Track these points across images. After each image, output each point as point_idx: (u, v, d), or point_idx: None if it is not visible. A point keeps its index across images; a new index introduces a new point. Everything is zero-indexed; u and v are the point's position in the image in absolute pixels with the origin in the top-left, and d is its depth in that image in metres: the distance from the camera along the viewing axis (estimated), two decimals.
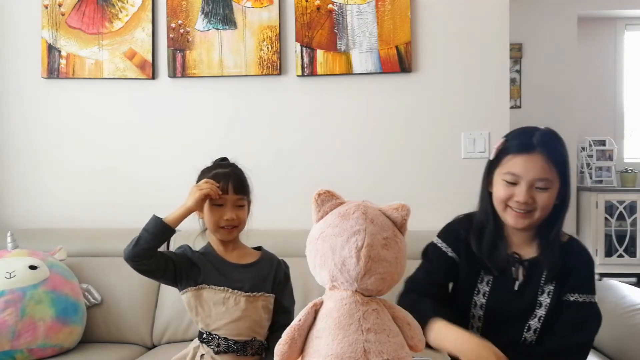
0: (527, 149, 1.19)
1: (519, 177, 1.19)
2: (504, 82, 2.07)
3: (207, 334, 1.32)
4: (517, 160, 1.20)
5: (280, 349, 1.00)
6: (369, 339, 0.96)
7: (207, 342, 1.32)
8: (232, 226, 1.34)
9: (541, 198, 1.19)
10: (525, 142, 1.20)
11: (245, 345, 1.32)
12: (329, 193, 1.05)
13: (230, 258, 1.38)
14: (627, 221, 3.75)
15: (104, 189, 2.19)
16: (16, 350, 1.63)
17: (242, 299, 1.32)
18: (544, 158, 1.18)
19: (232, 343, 1.31)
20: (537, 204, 1.19)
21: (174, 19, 2.12)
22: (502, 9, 2.06)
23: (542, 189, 1.19)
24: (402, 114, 2.10)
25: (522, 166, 1.19)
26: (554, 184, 1.20)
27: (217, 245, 1.40)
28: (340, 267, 0.98)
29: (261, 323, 1.35)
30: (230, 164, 1.40)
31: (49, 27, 2.16)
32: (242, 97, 2.14)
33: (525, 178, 1.19)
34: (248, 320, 1.33)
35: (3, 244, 1.87)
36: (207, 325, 1.32)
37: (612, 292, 1.70)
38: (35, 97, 2.22)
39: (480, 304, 1.29)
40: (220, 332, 1.31)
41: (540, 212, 1.20)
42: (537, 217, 1.21)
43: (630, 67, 4.12)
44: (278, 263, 1.44)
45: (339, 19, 2.07)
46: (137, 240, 1.27)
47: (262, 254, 1.44)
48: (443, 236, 1.35)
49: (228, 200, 1.34)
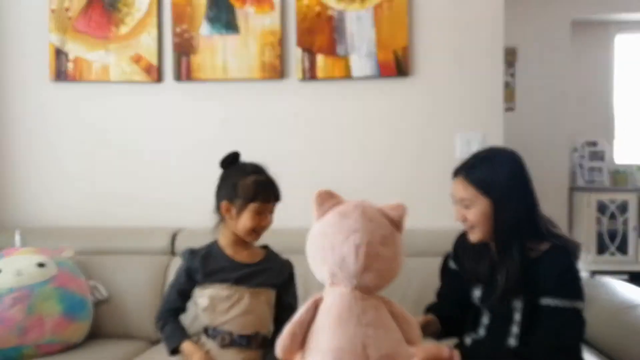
0: (453, 175, 1.36)
1: (453, 199, 1.36)
2: (499, 85, 2.10)
3: (212, 329, 1.35)
4: (452, 186, 1.36)
5: (282, 344, 1.03)
6: (368, 333, 0.99)
7: (212, 337, 1.35)
8: (263, 231, 1.39)
9: (468, 214, 1.31)
10: (454, 170, 1.36)
11: (250, 340, 1.35)
12: (329, 193, 1.09)
13: (238, 257, 1.41)
14: (619, 220, 3.79)
15: (110, 189, 2.21)
16: (24, 346, 1.64)
17: (246, 294, 1.35)
18: (462, 181, 1.32)
19: (237, 337, 1.34)
20: (470, 220, 1.31)
21: (179, 24, 2.15)
22: (496, 14, 2.09)
23: (466, 207, 1.31)
24: (399, 117, 2.13)
25: (452, 190, 1.36)
26: (475, 201, 1.30)
27: (228, 244, 1.41)
28: (339, 263, 1.01)
29: (265, 317, 1.38)
30: (263, 169, 1.42)
31: (56, 31, 2.18)
32: (245, 100, 2.17)
33: (454, 200, 1.35)
34: (252, 315, 1.36)
35: (12, 242, 1.90)
36: (213, 321, 1.35)
37: (605, 289, 1.71)
38: (43, 100, 2.24)
39: (476, 305, 1.39)
40: (225, 327, 1.34)
41: (480, 227, 1.30)
42: (481, 231, 1.31)
43: (622, 70, 4.17)
44: (283, 263, 1.46)
45: (339, 25, 2.10)
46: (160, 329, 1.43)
47: (268, 253, 1.46)
48: (452, 250, 1.49)
49: (268, 208, 1.39)
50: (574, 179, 4.02)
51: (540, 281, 1.25)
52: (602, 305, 1.60)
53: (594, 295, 1.64)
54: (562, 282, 1.25)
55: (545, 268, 1.26)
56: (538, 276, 1.26)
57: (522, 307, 1.28)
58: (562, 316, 1.23)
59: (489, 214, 1.28)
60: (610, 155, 4.05)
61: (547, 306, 1.24)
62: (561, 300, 1.24)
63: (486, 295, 1.35)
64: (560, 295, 1.24)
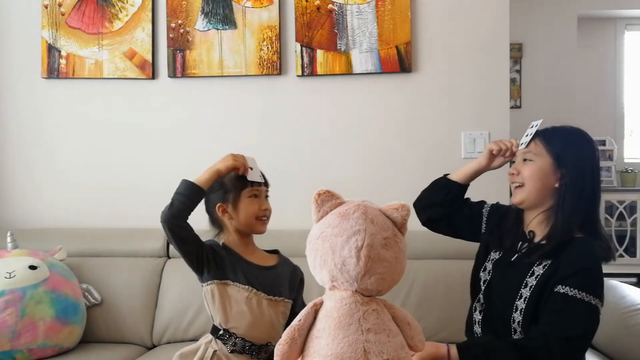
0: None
1: (517, 156, 1.37)
2: (504, 82, 2.07)
3: (224, 330, 1.32)
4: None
5: (281, 349, 1.01)
6: (369, 339, 0.98)
7: (223, 339, 1.32)
8: (267, 217, 1.37)
9: (525, 169, 1.31)
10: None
11: (260, 349, 1.33)
12: (329, 193, 1.07)
13: (251, 259, 1.38)
14: (627, 221, 3.74)
15: (104, 189, 2.19)
16: (16, 350, 1.63)
17: (264, 300, 1.33)
18: (535, 138, 1.33)
19: (248, 345, 1.31)
20: (522, 175, 1.31)
21: (174, 19, 2.12)
22: (502, 9, 2.06)
23: (527, 161, 1.32)
24: (402, 114, 2.10)
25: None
26: (539, 157, 1.30)
27: (237, 246, 1.39)
28: (340, 267, 1.00)
29: (278, 328, 1.35)
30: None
31: (48, 27, 2.16)
32: (242, 97, 2.14)
33: (518, 155, 1.36)
34: (267, 324, 1.33)
35: (3, 244, 1.88)
36: (226, 321, 1.32)
37: (612, 292, 1.70)
38: (35, 97, 2.22)
39: (484, 279, 1.37)
40: (238, 332, 1.31)
41: (529, 185, 1.30)
42: (527, 190, 1.30)
43: (630, 67, 4.12)
44: (294, 269, 1.44)
45: (339, 19, 2.07)
46: (172, 202, 1.29)
47: (280, 259, 1.44)
48: (492, 205, 1.49)
49: (262, 192, 1.38)
50: None
51: (561, 266, 1.24)
52: (609, 308, 1.58)
53: None
54: (582, 274, 1.23)
55: (571, 255, 1.24)
56: (562, 256, 1.25)
57: (534, 284, 1.26)
58: (576, 307, 1.21)
59: (548, 173, 1.29)
60: (619, 154, 4.00)
61: (564, 294, 1.22)
62: (578, 292, 1.21)
63: (499, 259, 1.36)
64: (578, 286, 1.21)
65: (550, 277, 1.24)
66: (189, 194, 1.28)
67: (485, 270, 1.38)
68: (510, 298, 1.28)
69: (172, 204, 1.28)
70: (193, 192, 1.29)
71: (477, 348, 1.24)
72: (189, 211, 1.30)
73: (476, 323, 1.37)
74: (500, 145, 1.38)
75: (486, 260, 1.39)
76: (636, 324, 1.49)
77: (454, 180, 1.46)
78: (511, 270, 1.31)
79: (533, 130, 1.34)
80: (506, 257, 1.35)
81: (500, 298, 1.31)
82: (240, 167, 1.33)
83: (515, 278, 1.29)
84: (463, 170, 1.46)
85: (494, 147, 1.39)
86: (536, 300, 1.25)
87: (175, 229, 1.29)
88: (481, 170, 1.44)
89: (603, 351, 1.59)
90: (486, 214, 1.46)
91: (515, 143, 1.37)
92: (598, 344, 1.61)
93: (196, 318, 1.84)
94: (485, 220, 1.45)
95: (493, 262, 1.37)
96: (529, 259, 1.29)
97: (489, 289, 1.35)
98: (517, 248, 1.34)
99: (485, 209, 1.47)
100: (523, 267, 1.29)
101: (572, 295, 1.21)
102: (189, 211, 1.30)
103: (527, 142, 1.33)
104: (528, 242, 1.33)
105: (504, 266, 1.34)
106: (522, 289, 1.27)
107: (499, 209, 1.46)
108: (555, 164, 1.28)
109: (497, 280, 1.34)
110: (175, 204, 1.28)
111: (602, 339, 1.58)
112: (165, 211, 1.29)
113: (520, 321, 1.26)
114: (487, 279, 1.36)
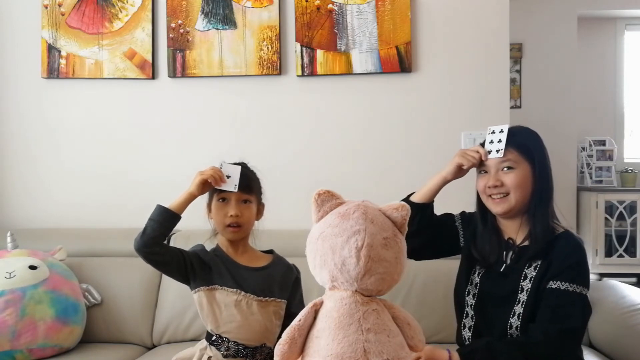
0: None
1: (488, 165, 1.32)
2: (504, 82, 2.07)
3: (217, 336, 1.31)
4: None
5: (280, 349, 1.01)
6: (369, 339, 0.98)
7: (216, 344, 1.31)
8: (236, 224, 1.33)
9: (509, 178, 1.29)
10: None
11: (255, 351, 1.32)
12: (329, 193, 1.07)
13: (241, 261, 1.37)
14: (627, 221, 3.74)
15: (104, 189, 2.19)
16: (16, 350, 1.62)
17: (254, 302, 1.32)
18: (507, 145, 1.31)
19: (241, 348, 1.30)
20: (507, 185, 1.29)
21: (174, 19, 2.12)
22: (502, 9, 2.06)
23: (508, 169, 1.30)
24: (402, 114, 2.10)
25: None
26: (518, 164, 1.29)
27: (226, 247, 1.39)
28: (340, 267, 1.00)
29: (272, 329, 1.34)
30: (240, 162, 1.39)
31: (49, 27, 2.16)
32: (242, 97, 2.14)
33: (491, 164, 1.32)
34: (259, 325, 1.32)
35: (3, 244, 1.87)
36: (218, 327, 1.31)
37: (612, 292, 1.71)
38: (35, 97, 2.21)
39: (473, 293, 1.37)
40: (230, 335, 1.30)
41: (515, 194, 1.28)
42: (514, 199, 1.29)
43: (630, 67, 4.12)
44: (289, 267, 1.43)
45: (339, 19, 2.07)
46: (144, 229, 1.27)
47: (274, 258, 1.43)
48: (461, 215, 1.46)
49: (232, 196, 1.34)
50: (581, 178, 3.97)
51: (554, 263, 1.25)
52: (609, 308, 1.62)
53: (601, 298, 1.66)
54: (574, 268, 1.25)
55: (562, 252, 1.26)
56: (552, 254, 1.26)
57: (530, 287, 1.27)
58: (571, 300, 1.23)
59: (528, 178, 1.29)
60: (619, 154, 4.00)
61: (557, 289, 1.23)
62: (570, 285, 1.23)
63: (488, 271, 1.35)
64: (571, 280, 1.24)
65: (543, 275, 1.25)
66: (160, 220, 1.27)
67: (473, 284, 1.37)
68: (507, 306, 1.29)
69: (145, 231, 1.27)
70: (165, 218, 1.27)
71: (479, 352, 1.23)
72: (163, 237, 1.29)
73: (467, 340, 1.37)
74: (471, 160, 1.32)
75: (471, 274, 1.38)
76: (636, 324, 1.50)
77: (422, 202, 1.40)
78: (503, 280, 1.31)
79: (502, 136, 1.30)
80: (494, 268, 1.34)
81: (496, 308, 1.31)
82: (209, 178, 1.30)
83: (510, 285, 1.29)
84: (427, 188, 1.40)
85: (464, 162, 1.33)
86: (534, 301, 1.25)
87: (149, 256, 1.28)
88: (446, 183, 1.39)
89: (603, 351, 1.59)
90: (460, 227, 1.44)
91: (483, 152, 1.31)
92: (598, 344, 1.61)
93: (196, 318, 1.84)
94: (462, 234, 1.43)
95: (481, 276, 1.36)
96: (518, 265, 1.29)
97: (480, 301, 1.34)
98: (503, 259, 1.33)
99: (458, 222, 1.44)
100: (514, 274, 1.30)
101: (564, 289, 1.23)
102: (163, 237, 1.29)
103: (502, 150, 1.29)
104: (512, 249, 1.32)
105: (495, 277, 1.33)
106: (518, 294, 1.28)
107: (470, 219, 1.43)
108: (532, 168, 1.29)
109: (490, 291, 1.33)
110: (147, 230, 1.27)
111: (602, 339, 1.59)
112: (137, 239, 1.27)
113: (519, 325, 1.26)
114: (475, 292, 1.36)
